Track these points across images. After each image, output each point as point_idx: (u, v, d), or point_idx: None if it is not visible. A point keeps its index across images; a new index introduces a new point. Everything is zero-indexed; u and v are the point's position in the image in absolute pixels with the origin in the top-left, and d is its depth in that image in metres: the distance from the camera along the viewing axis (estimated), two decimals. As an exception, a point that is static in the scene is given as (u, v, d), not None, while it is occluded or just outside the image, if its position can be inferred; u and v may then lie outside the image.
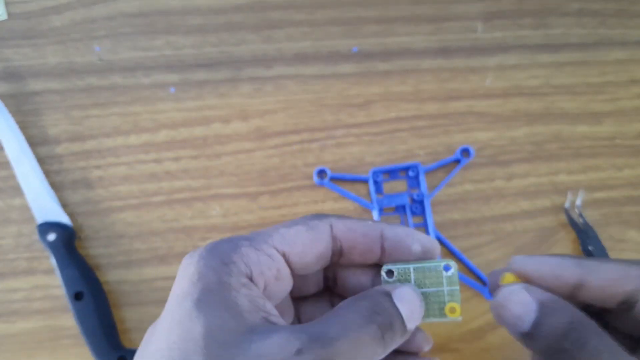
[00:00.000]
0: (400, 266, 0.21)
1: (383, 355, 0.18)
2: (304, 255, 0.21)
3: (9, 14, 0.41)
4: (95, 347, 0.36)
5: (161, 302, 0.38)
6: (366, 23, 0.42)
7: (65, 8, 0.41)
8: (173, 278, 0.38)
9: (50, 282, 0.38)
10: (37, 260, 0.38)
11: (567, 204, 0.40)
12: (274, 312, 0.18)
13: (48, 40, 0.41)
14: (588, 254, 0.39)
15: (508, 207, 0.40)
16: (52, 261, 0.37)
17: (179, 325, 0.17)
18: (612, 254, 0.40)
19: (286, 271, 0.20)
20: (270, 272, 0.20)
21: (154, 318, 0.38)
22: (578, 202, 0.40)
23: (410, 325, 0.19)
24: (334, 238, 0.21)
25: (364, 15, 0.42)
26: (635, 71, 0.42)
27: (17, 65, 0.40)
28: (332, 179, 0.40)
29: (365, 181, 0.40)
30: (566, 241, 0.40)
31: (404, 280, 0.21)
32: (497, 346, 0.39)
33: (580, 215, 0.40)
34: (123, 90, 0.40)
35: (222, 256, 0.19)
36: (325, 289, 0.25)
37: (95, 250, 0.39)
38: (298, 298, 0.24)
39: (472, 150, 0.40)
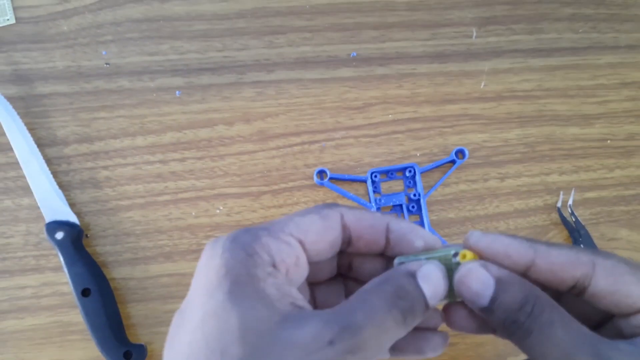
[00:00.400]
0: (413, 258, 0.22)
1: (404, 334, 0.19)
2: (317, 243, 0.21)
3: (18, 19, 0.42)
4: (102, 342, 0.37)
5: (167, 298, 0.39)
6: (364, 29, 0.43)
7: (73, 13, 0.42)
8: (178, 275, 0.40)
9: (58, 279, 0.39)
10: (45, 258, 0.39)
11: (559, 203, 0.41)
12: (300, 296, 0.19)
13: (56, 44, 0.42)
14: None
15: (501, 207, 0.41)
16: (60, 259, 0.38)
17: (213, 317, 0.18)
18: (603, 252, 0.41)
19: (303, 258, 0.21)
20: (290, 259, 0.20)
21: (159, 314, 0.39)
22: (570, 201, 0.41)
23: (433, 302, 0.20)
24: (343, 227, 0.22)
25: (363, 21, 0.43)
26: (626, 74, 0.44)
27: (26, 68, 0.41)
28: (332, 179, 0.41)
29: (363, 181, 0.41)
30: (558, 239, 0.41)
31: None
32: (491, 341, 0.40)
33: (572, 214, 0.41)
34: (130, 93, 0.41)
35: (245, 247, 0.19)
36: (338, 274, 0.25)
37: (102, 248, 0.40)
38: (313, 283, 0.25)
39: (466, 152, 0.41)
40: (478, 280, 0.19)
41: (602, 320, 0.22)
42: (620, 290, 0.20)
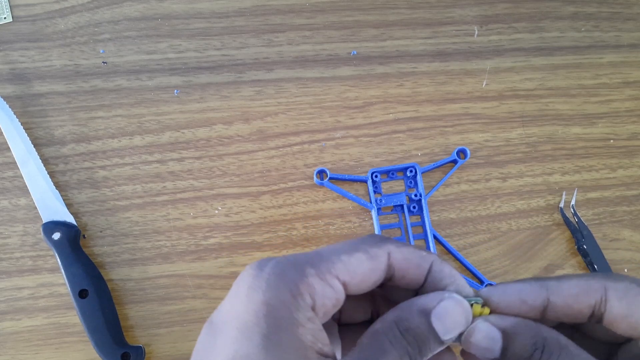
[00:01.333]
0: None
1: None
2: (361, 284, 0.21)
3: (15, 17, 0.42)
4: (99, 344, 0.37)
5: (165, 300, 0.39)
6: (365, 27, 0.42)
7: (70, 11, 0.42)
8: (177, 276, 0.39)
9: (56, 280, 0.39)
10: (42, 259, 0.39)
11: (561, 204, 0.41)
12: (327, 341, 0.19)
13: (53, 43, 0.41)
14: (582, 252, 0.40)
15: (503, 207, 0.41)
16: (57, 260, 0.37)
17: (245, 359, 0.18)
18: (606, 253, 0.41)
19: (343, 298, 0.21)
20: (330, 302, 0.20)
21: (158, 315, 0.39)
22: (572, 201, 0.41)
23: (447, 337, 0.20)
24: (389, 266, 0.21)
25: (363, 19, 0.42)
26: (628, 73, 0.43)
27: (23, 67, 0.41)
28: (332, 179, 0.40)
29: (364, 181, 0.41)
30: (560, 240, 0.41)
31: None
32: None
33: (575, 214, 0.41)
34: (128, 93, 0.41)
35: (290, 287, 0.19)
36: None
37: (99, 248, 0.39)
38: (345, 324, 0.25)
39: (468, 151, 0.41)
40: (485, 337, 0.20)
41: (625, 342, 0.22)
42: (635, 314, 0.20)
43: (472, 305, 0.21)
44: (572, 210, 0.40)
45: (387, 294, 0.24)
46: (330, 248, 0.21)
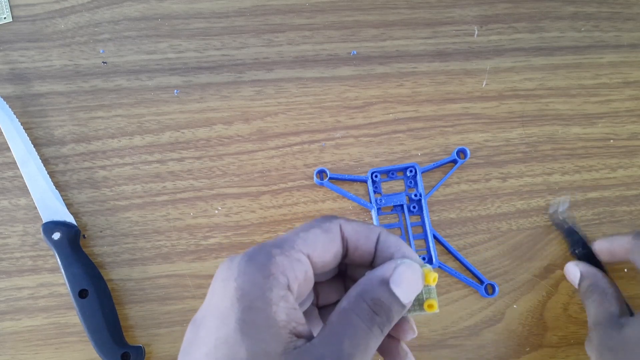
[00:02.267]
0: None
1: (382, 339, 0.21)
2: (323, 256, 0.23)
3: (15, 17, 0.42)
4: (99, 344, 0.37)
5: (165, 300, 0.39)
6: (365, 27, 0.42)
7: (70, 11, 0.42)
8: (177, 276, 0.39)
9: (55, 280, 0.39)
10: (42, 259, 0.39)
11: (551, 210, 0.41)
12: (302, 320, 0.21)
13: (53, 43, 0.41)
14: (576, 257, 0.40)
15: (503, 207, 0.41)
16: (57, 260, 0.37)
17: (224, 345, 0.19)
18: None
19: (311, 271, 0.22)
20: (300, 275, 0.21)
21: (158, 315, 0.39)
22: (561, 208, 0.41)
23: (407, 300, 0.22)
24: (343, 239, 0.23)
25: (363, 19, 0.42)
26: (628, 73, 0.43)
27: (23, 67, 0.41)
28: (332, 179, 0.40)
29: (364, 181, 0.41)
30: (560, 240, 0.41)
31: None
32: (493, 342, 0.40)
33: (565, 220, 0.40)
34: (127, 93, 0.41)
35: (261, 269, 0.20)
36: (337, 274, 0.27)
37: (99, 248, 0.39)
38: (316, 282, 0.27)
39: (468, 151, 0.41)
40: (573, 272, 0.38)
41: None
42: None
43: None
44: (560, 217, 0.40)
45: (352, 274, 0.26)
46: (290, 232, 0.23)
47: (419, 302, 0.23)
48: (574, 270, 0.37)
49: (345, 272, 0.27)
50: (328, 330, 0.20)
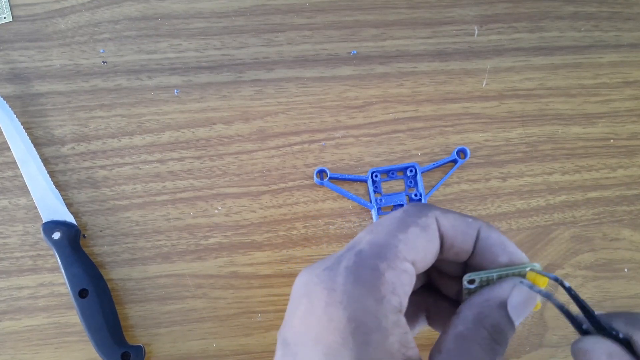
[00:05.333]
0: (484, 275, 0.21)
1: None
2: (425, 259, 0.20)
3: (15, 17, 0.42)
4: (99, 344, 0.37)
5: (165, 299, 0.39)
6: (365, 27, 0.42)
7: (70, 11, 0.42)
8: (177, 275, 0.39)
9: (55, 280, 0.39)
10: (42, 259, 0.39)
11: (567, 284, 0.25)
12: (413, 344, 0.18)
13: (53, 42, 0.41)
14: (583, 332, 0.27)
15: (503, 206, 0.41)
16: (57, 259, 0.37)
17: None
18: (606, 253, 0.41)
19: (415, 279, 0.19)
20: (409, 289, 0.19)
21: (158, 315, 0.39)
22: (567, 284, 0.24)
23: (518, 323, 0.20)
24: (440, 235, 0.20)
25: (363, 19, 0.42)
26: (628, 73, 0.43)
27: (23, 67, 0.41)
28: (332, 178, 0.40)
29: (364, 181, 0.41)
30: (560, 239, 0.41)
31: (486, 285, 0.21)
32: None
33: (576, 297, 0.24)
34: (127, 92, 0.41)
35: (372, 291, 0.17)
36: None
37: (99, 248, 0.39)
38: None
39: (468, 151, 0.41)
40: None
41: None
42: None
43: (527, 273, 0.21)
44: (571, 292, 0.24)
45: (439, 266, 0.23)
46: (381, 230, 0.19)
47: None
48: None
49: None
50: (445, 355, 0.18)
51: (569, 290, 0.21)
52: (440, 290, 0.24)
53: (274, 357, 0.19)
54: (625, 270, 0.41)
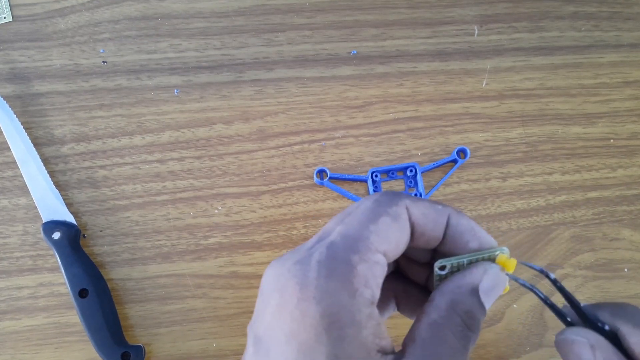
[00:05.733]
0: (454, 261, 0.21)
1: None
2: (396, 249, 0.20)
3: (15, 17, 0.42)
4: (99, 344, 0.37)
5: (165, 299, 0.39)
6: (365, 27, 0.42)
7: (70, 11, 0.42)
8: (177, 275, 0.39)
9: (55, 280, 0.39)
10: (42, 258, 0.39)
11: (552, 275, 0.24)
12: (385, 334, 0.18)
13: (53, 42, 0.41)
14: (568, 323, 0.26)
15: (503, 206, 0.41)
16: (57, 259, 0.37)
17: None
18: (606, 253, 0.41)
19: (386, 270, 0.19)
20: (381, 280, 0.19)
21: (158, 315, 0.39)
22: (552, 276, 0.24)
23: (488, 307, 0.20)
24: (410, 224, 0.20)
25: (363, 19, 0.42)
26: (628, 73, 0.43)
27: (23, 67, 0.41)
28: (332, 178, 0.40)
29: (364, 181, 0.41)
30: (560, 239, 0.41)
31: (456, 270, 0.21)
32: (492, 342, 0.40)
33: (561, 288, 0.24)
34: (127, 92, 0.41)
35: (345, 285, 0.17)
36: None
37: (99, 248, 0.39)
38: None
39: (468, 151, 0.41)
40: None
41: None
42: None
43: (497, 257, 0.21)
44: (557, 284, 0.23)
45: (408, 253, 0.23)
46: (351, 222, 0.19)
47: None
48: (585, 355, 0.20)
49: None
50: (421, 349, 0.18)
51: (554, 282, 0.21)
52: (409, 276, 0.24)
53: (245, 353, 0.19)
54: (625, 270, 0.41)
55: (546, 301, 0.21)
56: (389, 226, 0.19)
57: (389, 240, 0.19)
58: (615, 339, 0.20)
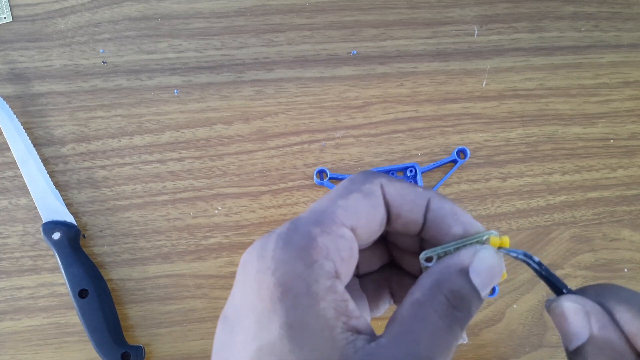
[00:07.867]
0: (440, 251, 0.20)
1: None
2: (368, 226, 0.19)
3: (15, 17, 0.42)
4: (99, 344, 0.37)
5: (165, 299, 0.39)
6: (365, 27, 0.42)
7: (70, 11, 0.42)
8: (177, 275, 0.39)
9: (55, 280, 0.39)
10: (42, 259, 0.39)
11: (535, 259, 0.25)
12: (355, 313, 0.17)
13: (53, 42, 0.41)
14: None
15: (503, 207, 0.41)
16: (57, 259, 0.37)
17: (270, 356, 0.16)
18: (606, 253, 0.41)
19: (356, 246, 0.19)
20: (346, 254, 0.18)
21: (158, 315, 0.39)
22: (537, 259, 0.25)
23: (485, 292, 0.19)
24: (385, 203, 0.19)
25: (363, 19, 0.42)
26: (628, 73, 0.43)
27: (23, 67, 0.41)
28: (332, 178, 0.40)
29: (364, 181, 0.41)
30: (560, 239, 0.41)
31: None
32: (492, 342, 0.40)
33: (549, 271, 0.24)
34: (127, 92, 0.41)
35: (302, 255, 0.17)
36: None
37: (99, 248, 0.39)
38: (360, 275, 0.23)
39: (468, 151, 0.41)
40: (574, 326, 0.18)
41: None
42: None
43: (490, 239, 0.20)
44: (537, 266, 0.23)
45: (395, 240, 0.23)
46: (324, 199, 0.19)
47: None
48: (577, 325, 0.19)
49: (387, 234, 0.23)
50: (399, 327, 0.17)
51: (539, 265, 0.20)
52: (403, 267, 0.24)
53: (215, 335, 0.19)
54: (625, 270, 0.41)
55: (541, 272, 0.20)
56: (359, 201, 0.19)
57: (359, 215, 0.18)
58: None
